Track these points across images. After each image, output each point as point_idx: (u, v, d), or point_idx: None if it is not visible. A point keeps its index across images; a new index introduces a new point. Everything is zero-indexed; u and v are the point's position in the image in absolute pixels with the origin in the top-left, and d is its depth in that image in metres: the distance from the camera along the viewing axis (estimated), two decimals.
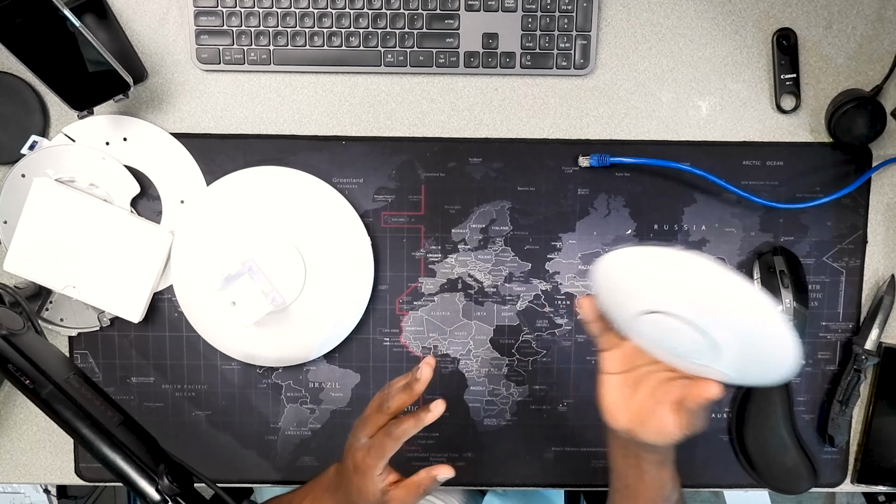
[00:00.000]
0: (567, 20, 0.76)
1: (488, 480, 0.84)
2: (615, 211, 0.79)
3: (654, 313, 0.52)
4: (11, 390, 0.82)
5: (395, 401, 0.62)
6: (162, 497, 0.57)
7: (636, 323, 0.54)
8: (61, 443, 0.83)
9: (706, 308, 0.49)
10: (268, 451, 0.83)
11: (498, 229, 0.79)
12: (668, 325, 0.51)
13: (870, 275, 0.80)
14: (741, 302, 0.48)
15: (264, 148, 0.78)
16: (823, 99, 0.78)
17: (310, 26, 0.76)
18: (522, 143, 0.78)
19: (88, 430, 0.58)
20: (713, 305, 0.49)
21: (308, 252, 0.76)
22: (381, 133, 0.79)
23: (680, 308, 0.50)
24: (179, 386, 0.81)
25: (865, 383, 0.81)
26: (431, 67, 0.77)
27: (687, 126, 0.79)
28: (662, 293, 0.51)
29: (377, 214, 0.79)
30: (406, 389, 0.62)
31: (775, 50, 0.77)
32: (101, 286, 0.76)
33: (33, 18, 0.65)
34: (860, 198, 0.79)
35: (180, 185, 0.78)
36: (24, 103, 0.77)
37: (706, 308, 0.49)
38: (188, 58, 0.77)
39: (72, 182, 0.77)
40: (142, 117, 0.78)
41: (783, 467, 0.81)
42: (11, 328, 0.61)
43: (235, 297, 0.74)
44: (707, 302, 0.49)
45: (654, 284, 0.52)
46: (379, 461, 0.62)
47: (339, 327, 0.79)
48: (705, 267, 0.48)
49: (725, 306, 0.49)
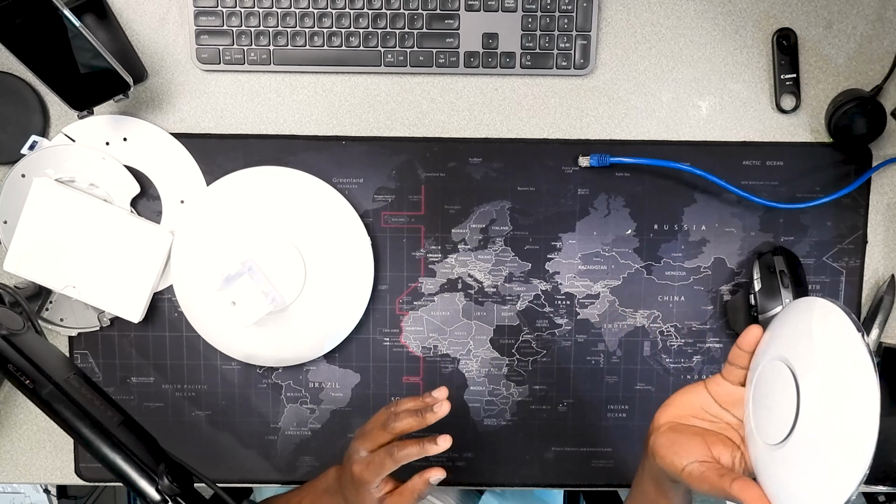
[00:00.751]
0: (567, 20, 0.76)
1: (488, 480, 0.84)
2: (615, 211, 0.79)
3: (776, 361, 0.48)
4: (11, 390, 0.82)
5: (402, 423, 0.62)
6: (162, 497, 0.57)
7: (760, 368, 0.50)
8: (61, 443, 0.83)
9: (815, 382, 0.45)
10: (268, 451, 0.83)
11: (498, 229, 0.79)
12: (778, 376, 0.47)
13: (870, 275, 0.80)
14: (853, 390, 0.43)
15: (264, 148, 0.78)
16: (823, 99, 0.78)
17: (310, 26, 0.76)
18: (522, 143, 0.78)
19: (88, 430, 0.58)
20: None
21: (308, 252, 0.76)
22: (381, 133, 0.79)
23: (798, 367, 0.46)
24: (179, 386, 0.81)
25: None
26: (431, 67, 0.77)
27: (687, 126, 0.79)
28: (796, 346, 0.47)
29: (377, 214, 0.79)
30: (416, 416, 0.61)
31: (775, 50, 0.77)
32: (101, 286, 0.76)
33: (33, 18, 0.65)
34: (860, 198, 0.79)
35: (180, 185, 0.78)
36: (24, 103, 0.77)
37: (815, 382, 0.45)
38: (188, 58, 0.77)
39: (72, 182, 0.77)
40: (142, 117, 0.78)
41: None
42: (11, 328, 0.61)
43: (235, 297, 0.74)
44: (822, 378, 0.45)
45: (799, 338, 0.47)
46: (376, 477, 0.62)
47: (339, 327, 0.79)
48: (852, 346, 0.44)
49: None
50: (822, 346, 0.46)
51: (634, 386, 0.81)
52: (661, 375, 0.81)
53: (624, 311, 0.80)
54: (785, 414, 0.46)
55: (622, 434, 0.82)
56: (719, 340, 0.81)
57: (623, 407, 0.82)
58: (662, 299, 0.80)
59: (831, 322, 0.46)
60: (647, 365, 0.81)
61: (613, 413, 0.82)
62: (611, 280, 0.80)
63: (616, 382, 0.81)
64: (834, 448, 0.43)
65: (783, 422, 0.46)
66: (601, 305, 0.80)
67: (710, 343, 0.81)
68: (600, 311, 0.80)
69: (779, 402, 0.47)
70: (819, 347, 0.46)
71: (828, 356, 0.45)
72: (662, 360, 0.81)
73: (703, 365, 0.81)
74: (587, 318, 0.80)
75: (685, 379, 0.81)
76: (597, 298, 0.80)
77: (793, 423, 0.45)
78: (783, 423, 0.46)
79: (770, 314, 0.75)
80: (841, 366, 0.44)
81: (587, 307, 0.80)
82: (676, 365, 0.81)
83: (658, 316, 0.80)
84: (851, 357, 0.43)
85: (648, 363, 0.81)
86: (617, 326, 0.80)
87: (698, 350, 0.81)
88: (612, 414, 0.82)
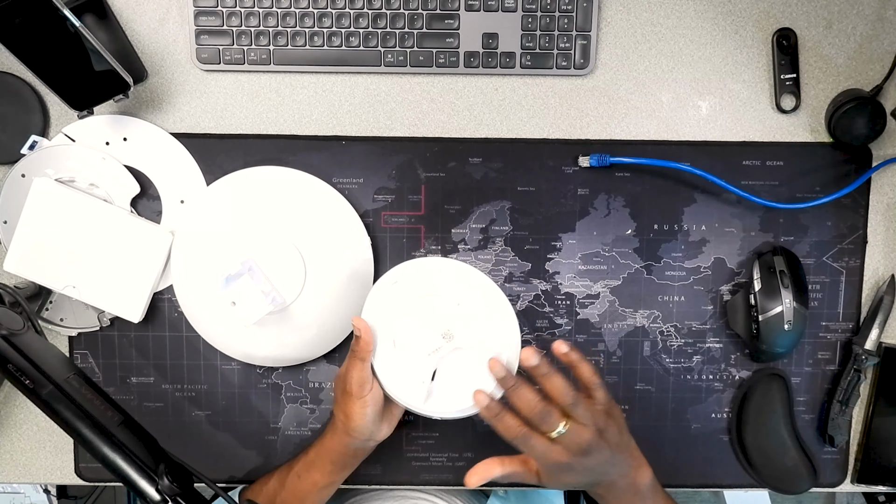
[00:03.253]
0: (567, 20, 0.76)
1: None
2: (615, 211, 0.79)
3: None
4: (11, 390, 0.82)
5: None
6: (162, 497, 0.57)
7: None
8: (61, 443, 0.83)
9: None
10: (268, 451, 0.83)
11: (498, 229, 0.79)
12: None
13: (870, 275, 0.80)
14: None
15: (264, 148, 0.78)
16: (823, 99, 0.78)
17: (310, 26, 0.76)
18: (522, 143, 0.78)
19: (88, 430, 0.58)
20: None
21: (308, 252, 0.76)
22: (381, 133, 0.79)
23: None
24: (179, 386, 0.81)
25: (865, 383, 0.81)
26: (431, 67, 0.77)
27: (687, 126, 0.79)
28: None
29: (377, 214, 0.79)
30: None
31: (775, 50, 0.77)
32: (101, 286, 0.76)
33: (33, 18, 0.65)
34: (860, 198, 0.79)
35: (180, 185, 0.78)
36: (24, 103, 0.77)
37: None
38: (188, 58, 0.77)
39: (72, 182, 0.77)
40: (142, 117, 0.78)
41: (783, 467, 0.81)
42: (11, 328, 0.61)
43: (235, 297, 0.74)
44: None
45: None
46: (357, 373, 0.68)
47: (339, 327, 0.79)
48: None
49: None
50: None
51: (634, 386, 0.81)
52: (661, 375, 0.81)
53: (624, 311, 0.80)
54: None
55: None
56: (719, 340, 0.81)
57: (623, 407, 0.82)
58: (662, 299, 0.80)
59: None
60: (647, 365, 0.81)
61: None
62: (611, 280, 0.80)
63: (616, 382, 0.81)
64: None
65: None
66: (601, 305, 0.80)
67: (710, 343, 0.81)
68: (600, 312, 0.80)
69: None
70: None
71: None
72: (662, 360, 0.81)
73: (703, 365, 0.81)
74: (587, 318, 0.80)
75: (685, 379, 0.81)
76: (597, 298, 0.80)
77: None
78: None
79: (770, 314, 0.75)
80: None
81: (587, 307, 0.80)
82: (676, 365, 0.81)
83: (658, 316, 0.80)
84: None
85: (648, 363, 0.81)
86: (617, 326, 0.80)
87: (698, 350, 0.81)
88: None
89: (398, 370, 0.68)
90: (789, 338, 0.76)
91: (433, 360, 0.67)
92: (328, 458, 0.73)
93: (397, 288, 0.69)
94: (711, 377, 0.81)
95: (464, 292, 0.69)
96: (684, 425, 0.82)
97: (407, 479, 0.83)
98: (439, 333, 0.67)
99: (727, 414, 0.82)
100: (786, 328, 0.75)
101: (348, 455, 0.73)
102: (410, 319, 0.68)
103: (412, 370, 0.68)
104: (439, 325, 0.67)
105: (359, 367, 0.67)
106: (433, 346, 0.67)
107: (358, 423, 0.69)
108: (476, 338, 0.68)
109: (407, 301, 0.68)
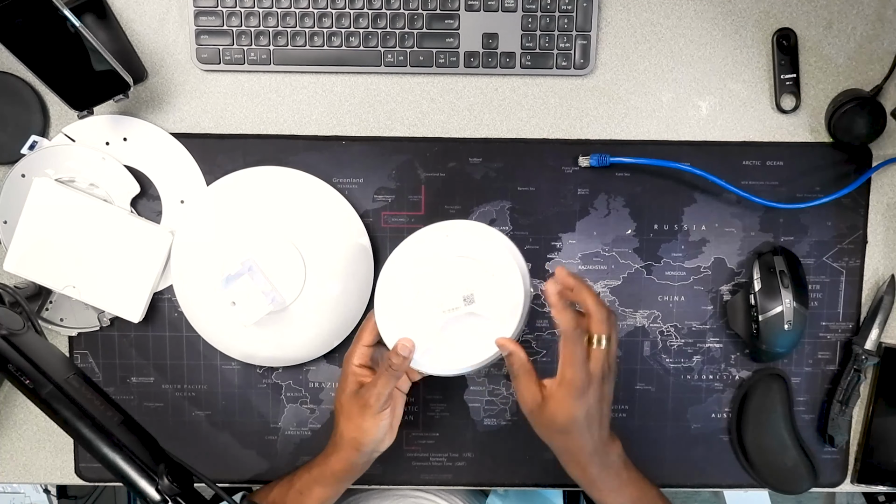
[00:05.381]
0: (567, 20, 0.76)
1: (488, 480, 0.84)
2: (615, 211, 0.79)
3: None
4: (11, 390, 0.82)
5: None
6: (162, 497, 0.57)
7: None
8: (61, 443, 0.83)
9: None
10: (268, 451, 0.83)
11: (498, 229, 0.79)
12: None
13: (870, 275, 0.80)
14: None
15: (264, 148, 0.78)
16: (823, 99, 0.78)
17: (310, 26, 0.76)
18: (522, 143, 0.78)
19: (88, 430, 0.58)
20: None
21: (308, 252, 0.76)
22: (381, 133, 0.79)
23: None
24: (179, 386, 0.81)
25: (865, 383, 0.81)
26: (431, 67, 0.77)
27: (687, 126, 0.79)
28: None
29: (377, 214, 0.79)
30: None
31: (775, 50, 0.77)
32: (101, 286, 0.76)
33: (33, 18, 0.65)
34: (860, 198, 0.79)
35: (180, 185, 0.78)
36: (24, 103, 0.77)
37: None
38: (188, 58, 0.77)
39: (72, 182, 0.77)
40: (142, 117, 0.78)
41: (783, 467, 0.81)
42: (11, 328, 0.61)
43: (235, 297, 0.74)
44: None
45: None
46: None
47: (339, 327, 0.79)
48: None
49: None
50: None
51: (634, 386, 0.81)
52: (661, 375, 0.81)
53: (624, 311, 0.80)
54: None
55: (622, 434, 0.82)
56: (719, 340, 0.81)
57: (623, 407, 0.82)
58: (662, 299, 0.80)
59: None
60: (647, 365, 0.81)
61: (614, 413, 0.81)
62: (611, 280, 0.80)
63: (616, 382, 0.81)
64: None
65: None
66: None
67: (710, 343, 0.81)
68: None
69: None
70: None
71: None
72: (662, 360, 0.81)
73: (703, 365, 0.81)
74: None
75: (685, 379, 0.81)
76: None
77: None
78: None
79: (770, 314, 0.75)
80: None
81: None
82: (676, 365, 0.81)
83: (658, 316, 0.80)
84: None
85: (648, 363, 0.81)
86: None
87: (698, 350, 0.81)
88: (613, 414, 0.81)
89: (407, 316, 0.68)
90: (789, 338, 0.76)
91: (445, 318, 0.67)
92: (332, 476, 0.72)
93: (445, 241, 0.68)
94: (711, 377, 0.81)
95: (501, 267, 0.67)
96: (684, 425, 0.82)
97: (407, 479, 0.83)
98: (461, 295, 0.67)
99: (727, 414, 0.82)
100: (786, 328, 0.75)
101: (354, 471, 0.73)
102: (441, 272, 0.67)
103: (421, 320, 0.67)
104: (464, 287, 0.67)
105: (390, 382, 0.67)
106: (451, 305, 0.67)
107: (372, 438, 0.69)
108: (493, 311, 0.67)
109: (445, 256, 0.68)
